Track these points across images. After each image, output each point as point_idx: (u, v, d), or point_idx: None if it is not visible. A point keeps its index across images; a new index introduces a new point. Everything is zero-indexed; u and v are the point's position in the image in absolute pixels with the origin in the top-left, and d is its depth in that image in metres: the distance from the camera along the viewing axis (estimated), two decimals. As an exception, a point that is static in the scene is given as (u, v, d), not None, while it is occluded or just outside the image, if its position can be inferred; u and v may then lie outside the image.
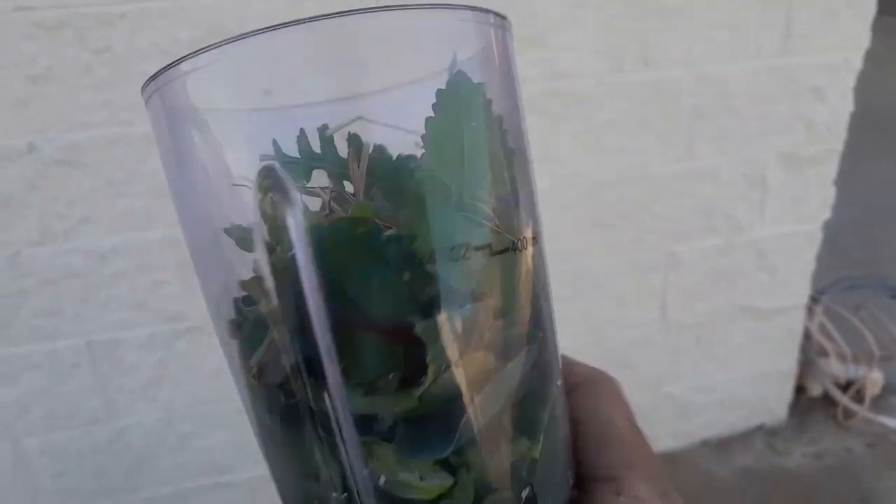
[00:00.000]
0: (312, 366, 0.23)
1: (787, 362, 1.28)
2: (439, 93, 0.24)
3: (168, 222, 0.87)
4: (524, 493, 0.26)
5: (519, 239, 0.26)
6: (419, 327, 0.23)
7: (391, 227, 0.24)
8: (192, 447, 1.01)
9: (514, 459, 0.26)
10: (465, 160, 0.25)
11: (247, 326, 0.26)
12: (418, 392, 0.23)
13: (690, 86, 0.97)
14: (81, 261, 0.87)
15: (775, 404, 1.32)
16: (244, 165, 0.25)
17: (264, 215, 0.23)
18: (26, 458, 0.96)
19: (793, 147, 1.05)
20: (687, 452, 1.28)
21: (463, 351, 0.24)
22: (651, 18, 0.91)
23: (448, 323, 0.24)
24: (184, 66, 0.24)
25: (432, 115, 0.24)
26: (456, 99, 0.24)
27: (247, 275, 0.26)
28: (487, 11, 0.26)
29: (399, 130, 0.25)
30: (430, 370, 0.23)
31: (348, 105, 0.24)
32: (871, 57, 1.03)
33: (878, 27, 1.04)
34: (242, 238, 0.25)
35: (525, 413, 0.26)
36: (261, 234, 0.24)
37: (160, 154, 0.27)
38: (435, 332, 0.23)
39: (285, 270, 0.23)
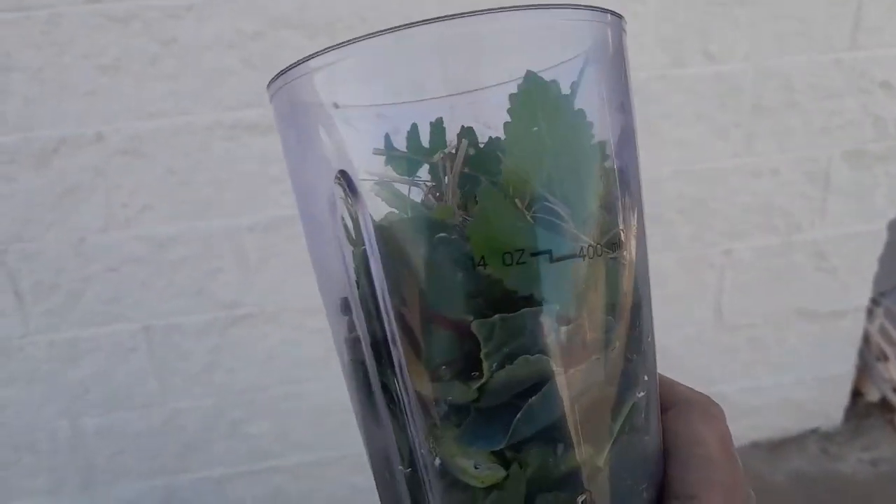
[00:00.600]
0: (381, 349, 0.25)
1: (845, 366, 1.25)
2: (512, 95, 0.25)
3: (227, 211, 0.88)
4: (580, 499, 0.26)
5: (594, 245, 0.26)
6: (475, 324, 0.24)
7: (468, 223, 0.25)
8: (242, 433, 1.03)
9: (573, 464, 0.26)
10: (540, 162, 0.25)
11: (347, 308, 0.28)
12: (476, 385, 0.24)
13: (752, 80, 0.94)
14: (143, 248, 0.89)
15: (831, 408, 1.29)
16: (358, 161, 0.26)
17: (347, 212, 0.25)
18: (83, 437, 0.99)
19: (859, 143, 1.02)
20: (738, 453, 1.26)
21: (524, 350, 0.25)
22: (713, 10, 0.89)
23: (503, 322, 0.24)
24: (312, 64, 0.25)
25: (514, 117, 0.25)
26: (531, 100, 0.25)
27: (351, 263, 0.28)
28: (601, 10, 0.26)
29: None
30: (485, 366, 0.24)
31: (463, 100, 0.25)
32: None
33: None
34: (347, 231, 0.27)
35: (590, 420, 0.26)
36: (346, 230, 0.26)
37: (283, 147, 0.29)
38: (490, 330, 0.24)
39: (361, 262, 0.25)
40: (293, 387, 1.01)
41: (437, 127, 0.26)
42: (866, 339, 1.28)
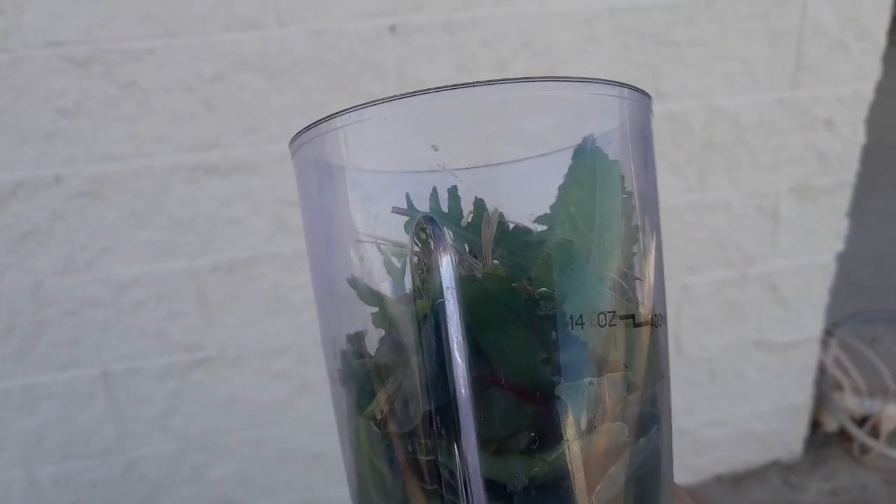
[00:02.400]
0: (446, 416, 0.23)
1: (802, 397, 1.27)
2: (575, 166, 0.25)
3: (187, 254, 0.88)
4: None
5: (655, 315, 0.26)
6: (560, 389, 0.23)
7: (525, 291, 0.24)
8: (205, 478, 1.01)
9: None
10: (600, 233, 0.25)
11: (361, 376, 0.26)
12: (552, 456, 0.23)
13: (702, 118, 0.98)
14: (102, 291, 0.88)
15: (790, 439, 1.31)
16: (374, 222, 0.26)
17: (415, 262, 0.24)
18: (40, 487, 0.96)
19: (805, 179, 1.06)
20: (701, 488, 1.26)
21: (602, 419, 0.24)
22: (663, 51, 0.93)
23: (590, 388, 0.23)
24: (338, 122, 0.25)
25: (567, 185, 0.25)
26: (592, 173, 0.25)
27: (361, 325, 0.26)
28: (632, 88, 0.26)
29: (520, 200, 0.26)
30: (570, 433, 0.23)
31: (484, 171, 0.25)
32: (882, 90, 1.05)
33: (890, 59, 1.05)
34: (364, 291, 0.26)
35: (646, 493, 0.26)
36: (400, 282, 0.25)
37: (301, 203, 0.28)
38: (577, 396, 0.23)
39: (429, 318, 0.23)
40: (256, 431, 1.00)
41: (454, 194, 0.25)
42: (822, 369, 1.31)
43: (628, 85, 0.26)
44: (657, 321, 0.26)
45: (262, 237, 0.89)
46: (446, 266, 0.23)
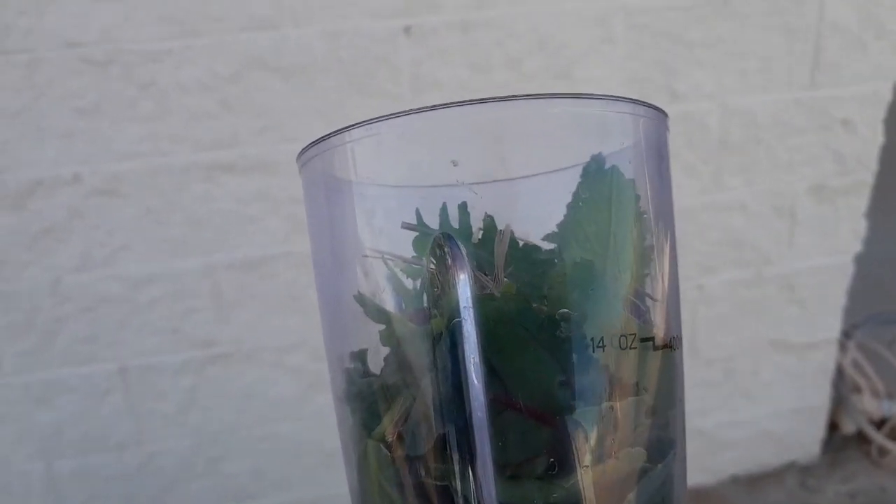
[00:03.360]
0: (461, 439, 0.22)
1: (820, 398, 1.26)
2: (589, 184, 0.24)
3: (203, 250, 0.89)
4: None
5: (672, 337, 0.26)
6: (579, 413, 0.22)
7: (539, 310, 0.23)
8: (220, 472, 1.02)
9: None
10: (615, 254, 0.24)
11: (367, 396, 0.26)
12: (569, 482, 0.22)
13: (717, 117, 0.97)
14: (119, 287, 0.89)
15: (808, 441, 1.29)
16: (381, 238, 0.25)
17: (430, 280, 0.23)
18: (57, 480, 0.97)
19: (822, 179, 1.05)
20: (718, 489, 1.26)
21: (621, 444, 0.23)
22: (677, 50, 0.93)
23: (610, 412, 0.23)
24: (346, 136, 0.24)
25: (579, 203, 0.24)
26: (608, 193, 0.24)
27: (367, 342, 0.25)
28: (648, 105, 0.26)
29: (528, 217, 0.25)
30: (588, 458, 0.22)
31: (493, 187, 0.24)
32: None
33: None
34: (371, 308, 0.25)
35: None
36: (398, 302, 0.24)
37: (308, 217, 0.28)
38: (596, 420, 0.22)
39: (444, 338, 0.22)
40: (270, 426, 1.01)
41: (464, 210, 0.25)
42: (840, 372, 1.29)
43: (644, 102, 0.25)
44: (674, 344, 0.26)
45: (278, 236, 0.90)
46: (463, 285, 0.22)
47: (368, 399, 0.26)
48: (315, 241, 0.29)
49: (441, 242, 0.23)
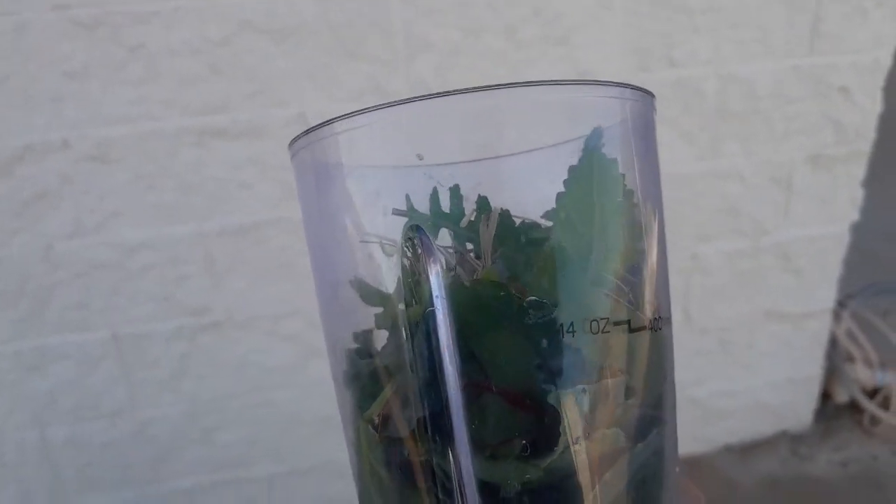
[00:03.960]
0: (439, 422, 0.23)
1: (813, 368, 1.27)
2: (573, 168, 0.24)
3: (196, 216, 0.88)
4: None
5: (655, 318, 0.26)
6: (553, 396, 0.23)
7: (521, 294, 0.24)
8: (215, 441, 1.02)
9: None
10: (598, 235, 0.25)
11: (364, 377, 0.26)
12: (545, 462, 0.23)
13: (716, 85, 0.96)
14: (111, 254, 0.88)
15: (801, 410, 1.30)
16: (376, 222, 0.25)
17: (405, 270, 0.24)
18: (52, 448, 0.98)
19: (820, 148, 1.05)
20: (710, 457, 1.27)
21: (597, 425, 0.24)
22: (677, 18, 0.91)
23: (583, 395, 0.23)
24: (336, 127, 0.25)
25: (564, 188, 0.25)
26: (589, 174, 0.25)
27: (365, 326, 0.26)
28: (633, 87, 0.26)
29: (526, 197, 0.25)
30: (562, 440, 0.23)
31: (483, 167, 0.25)
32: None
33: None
34: (367, 292, 0.26)
35: (647, 496, 0.26)
36: (397, 288, 0.25)
37: (301, 205, 0.29)
38: (571, 402, 0.23)
39: (421, 325, 0.23)
40: (265, 394, 1.01)
41: (455, 193, 0.25)
42: (833, 341, 1.30)
43: (631, 85, 0.26)
44: (657, 325, 0.26)
45: (270, 201, 0.89)
46: (434, 275, 0.23)
47: (364, 380, 0.26)
48: (309, 228, 0.29)
49: (411, 234, 0.23)
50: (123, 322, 0.92)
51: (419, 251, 0.23)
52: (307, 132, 0.26)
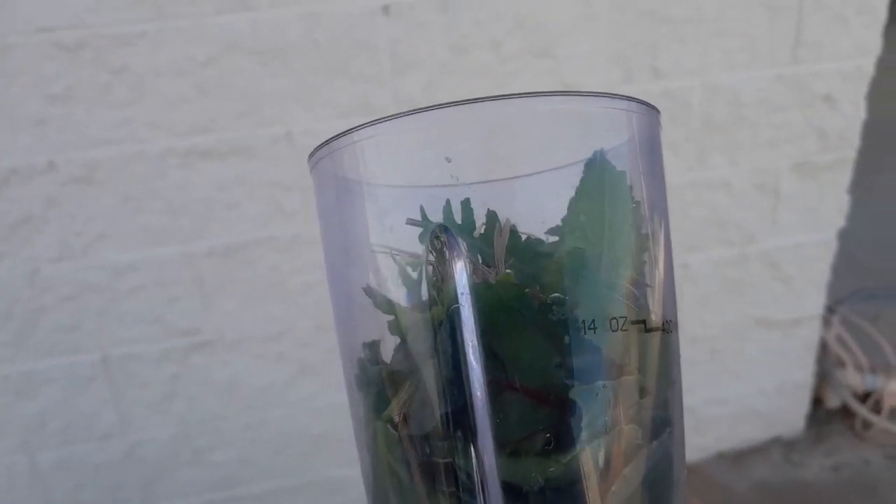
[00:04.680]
0: (462, 418, 0.23)
1: (804, 374, 1.27)
2: (584, 179, 0.25)
3: (183, 238, 0.88)
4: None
5: (667, 321, 0.27)
6: (575, 392, 0.23)
7: (538, 297, 0.24)
8: (207, 461, 1.01)
9: None
10: (608, 243, 0.26)
11: (379, 381, 0.27)
12: (567, 458, 0.23)
13: (701, 95, 0.97)
14: (99, 276, 0.88)
15: (792, 416, 1.31)
16: (390, 234, 0.26)
17: (430, 271, 0.24)
18: (42, 472, 0.97)
19: (805, 156, 1.05)
20: (703, 465, 1.27)
21: (616, 421, 0.24)
22: (660, 28, 0.92)
23: (604, 390, 0.24)
24: (355, 136, 0.25)
25: (577, 197, 0.26)
26: (600, 185, 0.25)
27: (376, 335, 0.27)
28: (640, 102, 0.27)
29: (531, 215, 0.26)
30: (584, 435, 0.23)
31: (497, 185, 0.26)
32: (884, 67, 1.03)
33: (891, 35, 1.03)
34: (379, 300, 0.26)
35: (659, 496, 0.26)
36: (409, 294, 0.25)
37: (319, 215, 0.29)
38: (591, 399, 0.23)
39: (445, 324, 0.24)
40: (256, 414, 1.00)
41: (466, 206, 0.26)
42: (824, 347, 1.30)
43: (637, 99, 0.26)
44: (668, 327, 0.27)
45: (258, 221, 0.89)
46: (460, 272, 0.23)
47: (378, 385, 0.27)
48: (326, 238, 0.30)
49: (438, 233, 0.24)
50: (113, 344, 0.91)
51: (444, 251, 0.24)
52: (326, 142, 0.26)
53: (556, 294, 0.24)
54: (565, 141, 0.27)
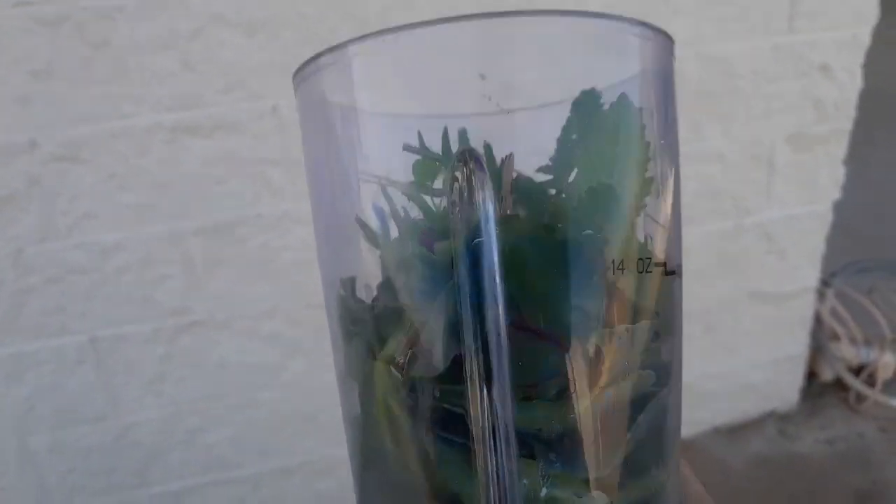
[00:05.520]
0: (478, 361, 0.22)
1: (798, 347, 1.27)
2: (587, 113, 0.24)
3: (171, 215, 0.86)
4: None
5: (678, 265, 0.26)
6: (599, 335, 0.22)
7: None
8: (199, 442, 1.00)
9: (655, 485, 0.25)
10: (618, 181, 0.24)
11: (375, 318, 0.25)
12: (582, 403, 0.22)
13: (694, 66, 0.96)
14: (85, 257, 0.86)
15: (787, 390, 1.31)
16: (381, 160, 0.25)
17: (455, 200, 0.22)
18: (34, 456, 0.96)
19: (800, 127, 1.04)
20: (699, 440, 1.27)
21: (633, 366, 0.23)
22: (654, -1, 0.90)
23: (626, 335, 0.23)
24: (349, 51, 0.24)
25: (574, 135, 0.24)
26: (612, 122, 0.24)
27: (369, 269, 0.25)
28: (655, 29, 0.25)
29: (522, 149, 0.25)
30: (603, 380, 0.22)
31: (496, 116, 0.24)
32: (880, 38, 1.02)
33: (889, 7, 1.02)
34: (370, 233, 0.25)
35: (665, 440, 0.26)
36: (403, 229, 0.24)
37: (303, 141, 0.27)
38: (610, 342, 0.23)
39: (465, 258, 0.22)
40: (248, 394, 0.99)
41: (463, 135, 0.24)
42: (818, 320, 1.30)
43: (651, 25, 0.25)
44: (679, 271, 0.26)
45: (246, 198, 0.87)
46: (486, 203, 0.21)
47: (371, 323, 0.25)
48: (311, 165, 0.28)
49: (466, 158, 0.22)
50: (101, 325, 0.90)
51: (471, 177, 0.21)
52: (314, 58, 0.25)
53: (589, 231, 0.23)
54: (568, 68, 0.25)
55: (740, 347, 1.22)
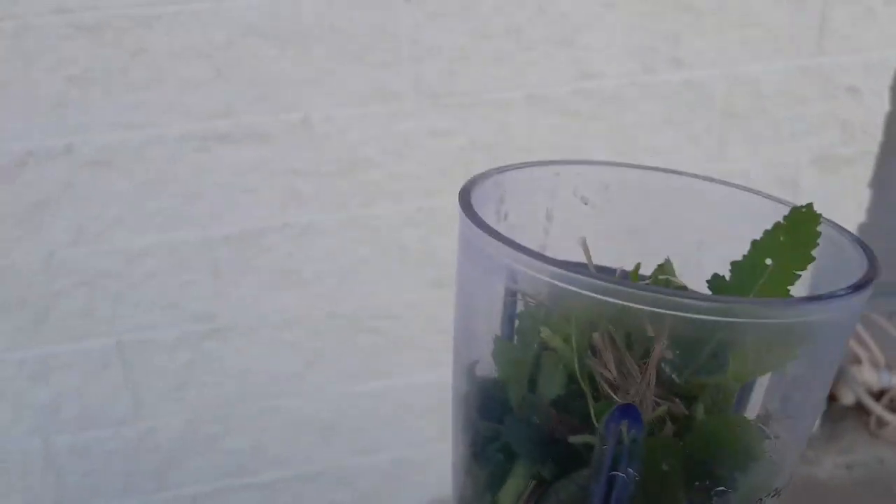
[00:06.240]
0: None
1: (819, 369, 1.26)
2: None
3: (200, 223, 0.87)
4: None
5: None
6: None
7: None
8: (219, 448, 1.01)
9: None
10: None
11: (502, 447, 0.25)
12: None
13: (722, 86, 0.96)
14: (114, 261, 0.87)
15: (807, 412, 1.29)
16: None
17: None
18: (55, 457, 0.97)
19: (826, 148, 1.04)
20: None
21: None
22: (682, 18, 0.91)
23: None
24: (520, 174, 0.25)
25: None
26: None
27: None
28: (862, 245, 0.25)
29: None
30: None
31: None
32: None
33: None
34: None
35: None
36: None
37: (458, 252, 0.28)
38: None
39: (602, 486, 0.22)
40: (269, 402, 1.00)
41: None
42: (840, 342, 1.29)
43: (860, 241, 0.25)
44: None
45: (274, 207, 0.88)
46: (626, 456, 0.22)
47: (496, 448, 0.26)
48: (462, 281, 0.29)
49: (618, 421, 0.22)
50: (127, 330, 0.91)
51: (622, 430, 0.22)
52: (486, 174, 0.26)
53: (721, 488, 0.23)
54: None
55: (761, 368, 1.21)
